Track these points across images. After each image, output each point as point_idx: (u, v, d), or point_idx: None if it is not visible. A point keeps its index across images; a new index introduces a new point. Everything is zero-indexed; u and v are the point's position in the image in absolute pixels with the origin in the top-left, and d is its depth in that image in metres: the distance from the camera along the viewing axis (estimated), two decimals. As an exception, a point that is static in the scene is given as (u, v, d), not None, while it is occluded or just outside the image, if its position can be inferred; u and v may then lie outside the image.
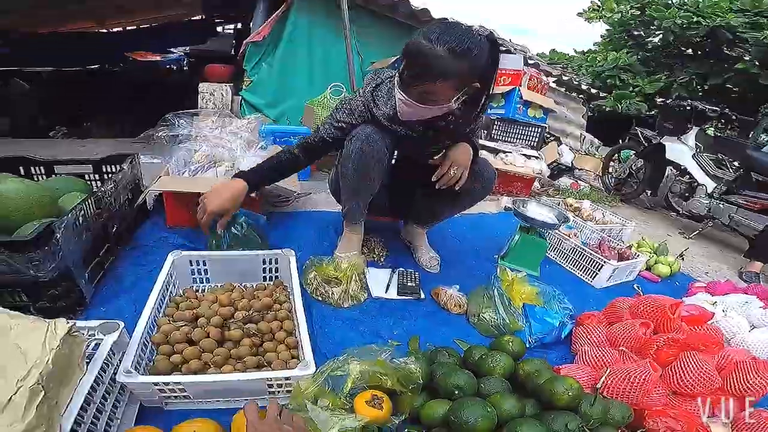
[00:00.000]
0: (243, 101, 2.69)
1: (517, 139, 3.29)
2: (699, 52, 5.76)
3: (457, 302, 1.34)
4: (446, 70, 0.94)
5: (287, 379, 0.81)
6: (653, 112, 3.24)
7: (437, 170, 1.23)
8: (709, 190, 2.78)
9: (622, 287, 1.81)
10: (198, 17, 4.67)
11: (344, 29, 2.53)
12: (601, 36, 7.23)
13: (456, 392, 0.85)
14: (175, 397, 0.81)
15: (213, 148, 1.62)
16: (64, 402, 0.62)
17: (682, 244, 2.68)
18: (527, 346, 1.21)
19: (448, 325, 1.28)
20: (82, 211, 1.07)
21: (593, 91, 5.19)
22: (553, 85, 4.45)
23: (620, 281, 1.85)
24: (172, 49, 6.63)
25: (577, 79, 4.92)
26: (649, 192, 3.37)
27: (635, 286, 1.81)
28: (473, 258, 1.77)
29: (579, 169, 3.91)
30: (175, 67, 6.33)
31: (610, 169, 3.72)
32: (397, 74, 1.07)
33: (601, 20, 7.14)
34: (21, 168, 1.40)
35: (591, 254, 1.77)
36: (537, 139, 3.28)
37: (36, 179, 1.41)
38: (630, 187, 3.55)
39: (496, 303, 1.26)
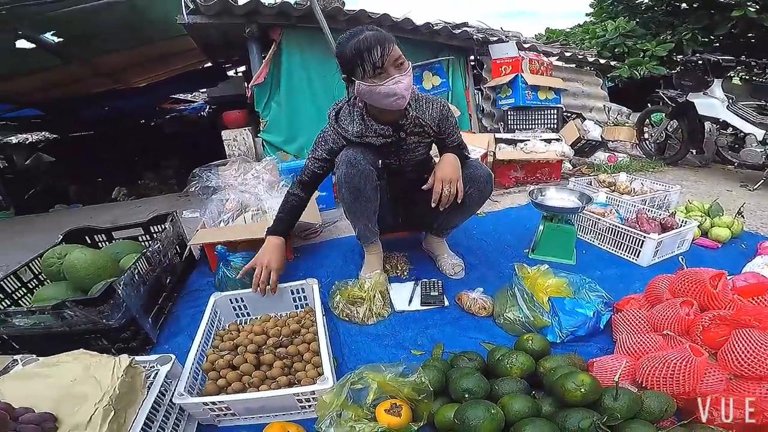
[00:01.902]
0: (264, 142, 2.88)
1: (535, 125, 3.20)
2: (694, 5, 5.25)
3: (481, 305, 1.33)
4: (385, 36, 1.10)
5: (313, 393, 0.90)
6: (676, 71, 3.00)
7: (432, 195, 1.24)
8: (760, 138, 2.53)
9: (674, 261, 1.63)
10: (208, 65, 5.03)
11: (333, 51, 2.62)
12: (591, 5, 6.78)
13: (465, 395, 0.86)
14: (224, 415, 0.95)
15: (240, 195, 1.78)
16: (131, 419, 0.78)
17: (747, 197, 2.38)
18: (558, 341, 1.18)
19: (475, 329, 1.28)
20: (137, 269, 1.30)
21: (602, 61, 4.84)
22: (559, 64, 4.18)
23: (671, 254, 1.68)
24: (188, 96, 7.00)
25: (582, 53, 4.63)
26: (694, 151, 3.10)
27: (680, 258, 1.61)
28: (501, 256, 1.73)
29: (612, 141, 3.66)
30: (205, 114, 6.63)
31: (646, 135, 3.45)
32: (362, 84, 1.12)
33: (584, -11, 6.76)
34: (87, 237, 1.68)
35: (628, 230, 1.64)
36: (556, 121, 3.16)
37: (100, 245, 1.68)
38: (672, 149, 3.27)
39: (518, 301, 1.23)
